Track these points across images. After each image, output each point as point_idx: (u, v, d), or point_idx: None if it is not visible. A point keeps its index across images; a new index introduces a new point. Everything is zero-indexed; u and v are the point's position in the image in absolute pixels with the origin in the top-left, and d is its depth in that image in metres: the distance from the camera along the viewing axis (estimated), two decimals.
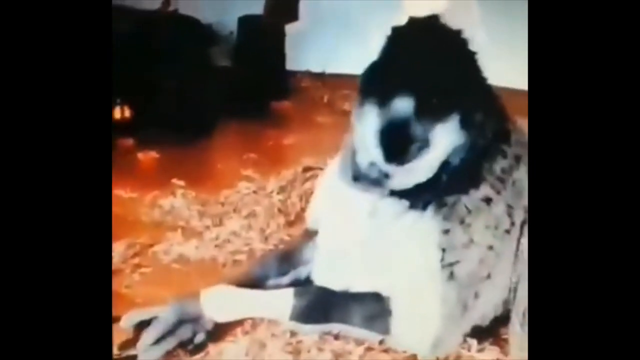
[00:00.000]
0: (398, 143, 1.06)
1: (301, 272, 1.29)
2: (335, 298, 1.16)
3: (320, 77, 2.41)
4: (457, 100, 1.07)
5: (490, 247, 1.13)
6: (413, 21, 1.13)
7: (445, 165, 1.10)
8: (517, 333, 1.14)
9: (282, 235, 1.51)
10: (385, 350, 1.13)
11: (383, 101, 1.08)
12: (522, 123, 1.26)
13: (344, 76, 2.19)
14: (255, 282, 1.24)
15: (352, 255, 1.18)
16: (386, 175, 1.12)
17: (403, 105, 1.05)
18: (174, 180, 1.70)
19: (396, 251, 1.14)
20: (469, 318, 1.14)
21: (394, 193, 1.12)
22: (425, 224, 1.11)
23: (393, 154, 1.07)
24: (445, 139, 1.07)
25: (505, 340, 1.16)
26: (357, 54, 1.13)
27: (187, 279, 1.32)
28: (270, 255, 1.36)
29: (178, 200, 1.63)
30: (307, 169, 1.76)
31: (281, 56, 2.28)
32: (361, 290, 1.16)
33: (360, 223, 1.17)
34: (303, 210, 1.57)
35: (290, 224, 1.57)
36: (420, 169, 1.09)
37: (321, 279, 1.20)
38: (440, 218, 1.11)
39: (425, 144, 1.07)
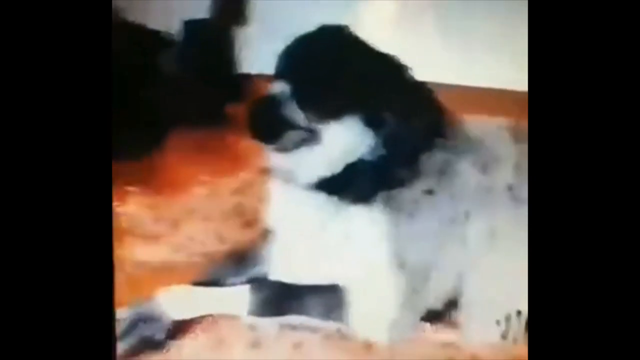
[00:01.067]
0: (266, 121, 1.11)
1: (259, 271, 1.31)
2: (292, 291, 1.19)
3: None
4: (357, 100, 1.12)
5: (437, 235, 1.18)
6: (324, 28, 1.18)
7: (360, 162, 1.15)
8: (467, 314, 1.19)
9: (239, 237, 1.54)
10: (343, 338, 1.17)
11: (280, 74, 1.13)
12: (465, 117, 1.32)
13: None
14: (213, 283, 1.26)
15: (307, 251, 1.21)
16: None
17: (279, 86, 1.11)
18: (129, 188, 1.71)
19: (349, 244, 1.18)
20: (421, 303, 1.20)
21: (326, 190, 1.17)
22: (374, 217, 1.16)
23: (260, 130, 1.13)
24: (341, 137, 1.13)
25: (457, 323, 1.21)
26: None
27: (145, 283, 1.33)
28: (228, 256, 1.38)
29: (133, 207, 1.64)
30: (263, 171, 1.79)
31: (232, 59, 2.30)
32: (318, 283, 1.19)
33: (312, 219, 1.21)
34: (259, 211, 1.59)
35: (246, 225, 1.59)
36: (316, 163, 1.14)
37: (279, 276, 1.23)
38: (388, 211, 1.16)
39: (312, 137, 1.12)
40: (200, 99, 2.19)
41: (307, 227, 1.21)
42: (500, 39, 2.09)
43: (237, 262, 1.34)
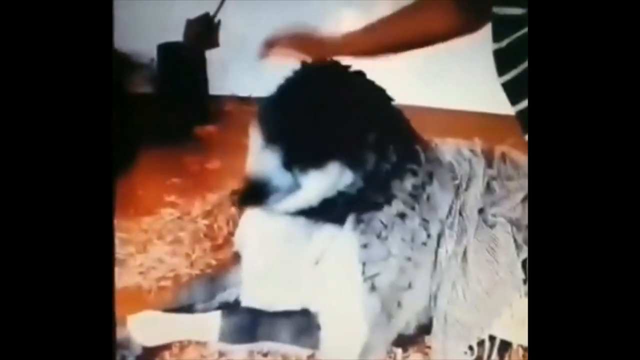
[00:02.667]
0: (255, 196, 1.13)
1: (229, 295, 1.30)
2: (264, 317, 1.18)
3: (246, 100, 2.43)
4: (339, 146, 1.13)
5: (409, 259, 1.18)
6: (308, 67, 1.18)
7: (341, 194, 1.15)
8: (439, 339, 1.19)
9: (209, 260, 1.51)
10: None
11: (265, 141, 1.14)
12: (437, 141, 1.33)
13: None
14: (182, 308, 1.24)
15: (278, 274, 1.20)
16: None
17: (271, 158, 1.12)
18: None
19: (320, 268, 1.18)
20: (393, 327, 1.19)
21: (300, 213, 1.16)
22: (344, 240, 1.16)
23: (250, 203, 1.16)
24: (320, 183, 1.13)
25: (429, 347, 1.21)
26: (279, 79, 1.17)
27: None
28: (197, 280, 1.37)
29: None
30: (234, 193, 1.77)
31: (203, 81, 2.29)
32: (290, 308, 1.18)
33: (283, 243, 1.20)
34: (230, 234, 1.57)
35: (216, 248, 1.57)
36: (295, 205, 1.15)
37: (250, 301, 1.22)
38: (358, 234, 1.16)
39: (295, 187, 1.13)
40: (171, 119, 2.17)
41: (277, 250, 1.21)
42: (473, 60, 2.12)
43: (208, 286, 1.32)
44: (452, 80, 2.20)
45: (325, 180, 1.13)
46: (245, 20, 2.25)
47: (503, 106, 1.12)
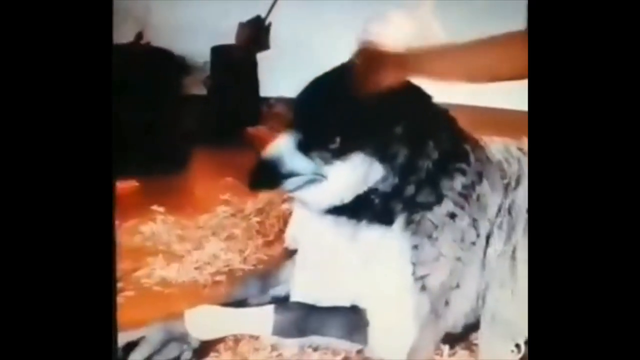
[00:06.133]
0: (266, 176, 1.17)
1: (280, 291, 1.33)
2: (315, 312, 1.21)
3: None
4: (363, 139, 1.14)
5: (458, 259, 1.19)
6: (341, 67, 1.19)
7: (374, 191, 1.17)
8: (487, 337, 1.20)
9: (261, 256, 1.56)
10: None
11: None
12: (485, 140, 1.33)
13: None
14: (236, 302, 1.28)
15: (329, 272, 1.23)
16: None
17: (287, 140, 1.16)
18: (154, 207, 1.75)
19: (371, 267, 1.20)
20: (441, 326, 1.20)
21: (341, 212, 1.19)
22: (395, 241, 1.18)
23: (257, 186, 1.20)
24: (346, 174, 1.15)
25: (476, 345, 1.22)
26: None
27: (170, 301, 1.36)
28: (250, 275, 1.42)
29: (158, 226, 1.67)
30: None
31: (255, 83, 2.34)
32: (339, 304, 1.21)
33: (333, 240, 1.22)
34: (281, 230, 1.62)
35: (268, 244, 1.62)
36: (322, 197, 1.17)
37: (300, 296, 1.25)
38: (409, 234, 1.17)
39: (317, 179, 1.15)
40: (224, 120, 2.23)
41: (328, 247, 1.23)
42: None
43: (260, 281, 1.36)
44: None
45: (351, 172, 1.14)
46: (295, 23, 2.29)
47: None
